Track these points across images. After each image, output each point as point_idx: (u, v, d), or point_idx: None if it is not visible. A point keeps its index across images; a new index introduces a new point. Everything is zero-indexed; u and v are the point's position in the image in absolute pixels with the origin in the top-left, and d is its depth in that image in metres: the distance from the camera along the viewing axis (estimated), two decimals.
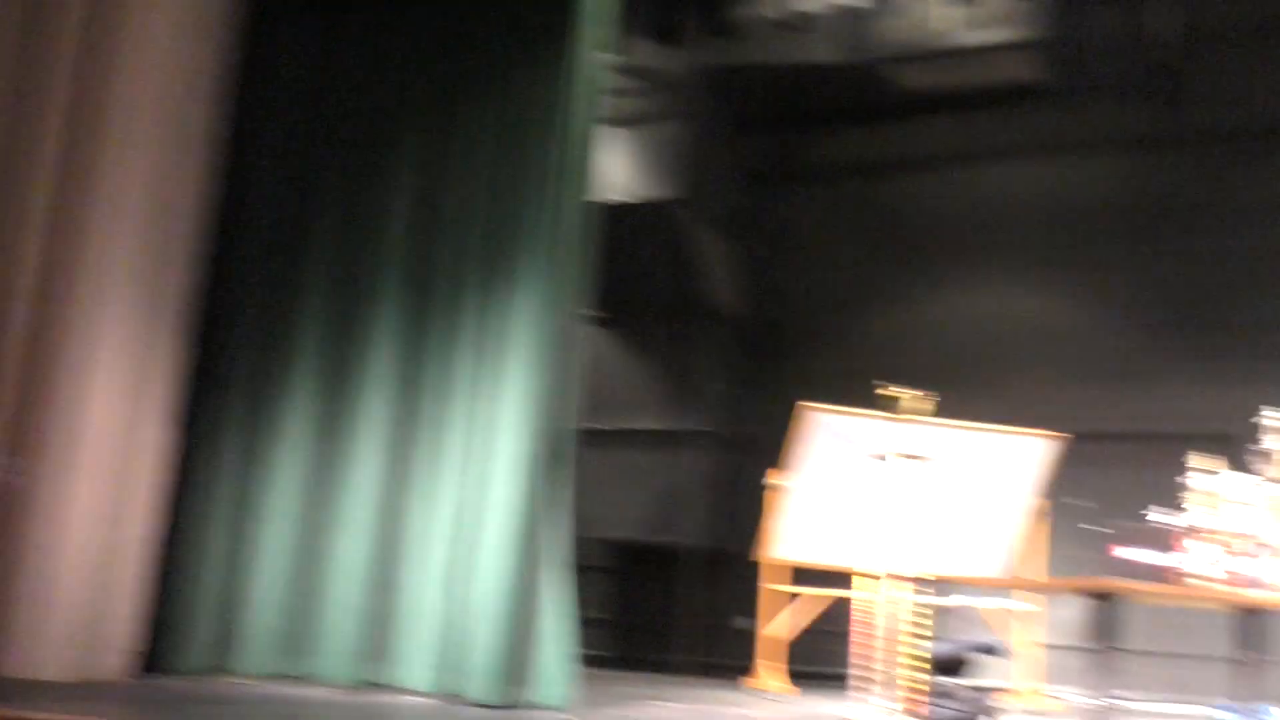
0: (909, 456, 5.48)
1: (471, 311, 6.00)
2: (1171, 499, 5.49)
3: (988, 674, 6.80)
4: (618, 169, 10.28)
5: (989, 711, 5.68)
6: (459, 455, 5.84)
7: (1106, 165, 10.28)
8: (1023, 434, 8.06)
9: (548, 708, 5.28)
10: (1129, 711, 7.69)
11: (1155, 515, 5.39)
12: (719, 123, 10.61)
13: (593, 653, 10.50)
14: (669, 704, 6.29)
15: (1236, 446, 5.78)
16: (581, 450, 10.67)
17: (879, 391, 5.67)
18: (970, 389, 9.19)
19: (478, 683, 5.37)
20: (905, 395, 5.59)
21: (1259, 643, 5.64)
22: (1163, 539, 5.23)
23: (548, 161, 5.92)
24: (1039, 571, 8.15)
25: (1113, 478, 9.05)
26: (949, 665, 6.11)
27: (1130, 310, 9.91)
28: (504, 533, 5.52)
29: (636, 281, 10.72)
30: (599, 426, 10.59)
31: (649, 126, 10.24)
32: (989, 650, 6.46)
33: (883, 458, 5.56)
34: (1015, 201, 10.43)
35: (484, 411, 5.79)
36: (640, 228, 10.39)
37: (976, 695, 5.73)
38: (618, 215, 10.39)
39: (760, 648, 8.14)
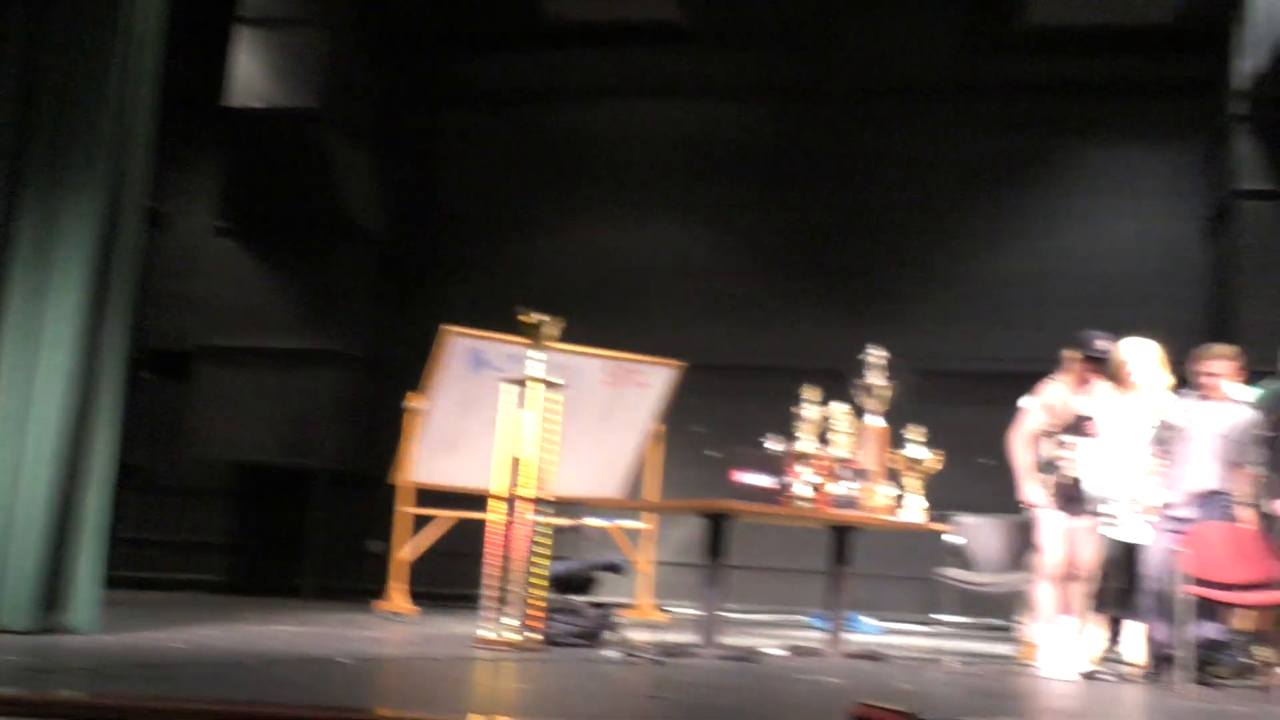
0: (542, 381, 5.57)
1: (30, 215, 5.47)
2: (786, 427, 5.91)
3: (612, 591, 7.10)
4: (253, 72, 9.71)
5: (610, 626, 5.93)
6: (6, 367, 5.34)
7: (745, 110, 10.83)
8: (646, 362, 8.38)
9: (77, 632, 5.03)
10: (734, 622, 8.30)
11: (771, 442, 5.78)
12: (365, 35, 10.25)
13: (215, 578, 10.15)
14: (289, 628, 6.12)
15: (844, 381, 6.29)
16: (208, 368, 10.19)
17: (519, 317, 5.71)
18: (604, 317, 9.48)
19: (10, 608, 5.01)
20: (542, 321, 5.65)
21: (851, 557, 6.21)
22: (776, 464, 5.62)
23: (110, 63, 5.50)
24: (655, 493, 8.57)
25: (734, 406, 9.66)
26: (575, 583, 6.33)
27: (757, 250, 10.54)
28: (44, 451, 5.15)
29: (273, 193, 10.22)
30: (227, 343, 10.09)
31: (288, 30, 9.73)
32: (613, 569, 6.74)
33: (519, 382, 5.61)
34: (658, 138, 10.78)
35: (33, 320, 5.33)
36: (277, 136, 9.89)
37: (599, 611, 5.97)
38: (253, 121, 9.87)
39: (393, 570, 8.09)
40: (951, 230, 10.24)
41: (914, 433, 6.15)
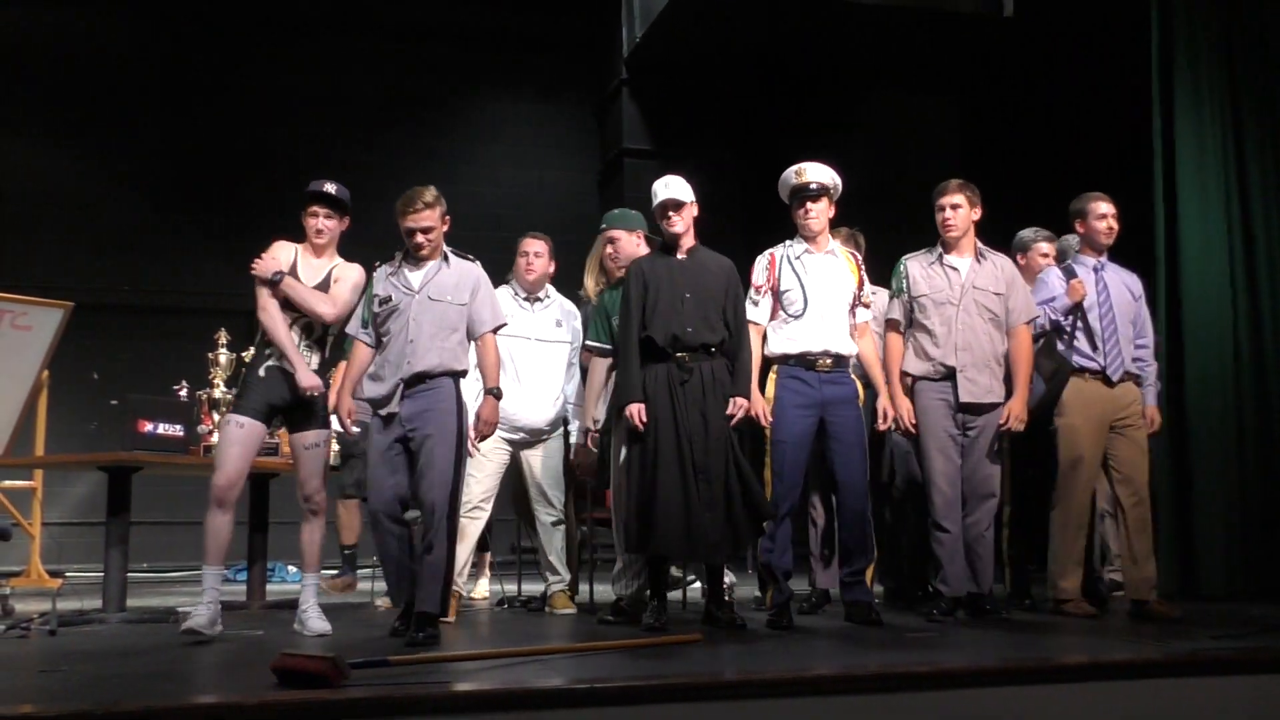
0: None
1: None
2: (199, 371, 5.61)
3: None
4: None
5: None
6: None
7: (134, 26, 9.97)
8: (26, 301, 7.40)
9: None
10: (146, 582, 7.83)
11: (181, 389, 5.46)
12: None
13: None
14: None
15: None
16: None
17: None
18: None
19: None
20: None
21: (270, 505, 6.04)
22: (188, 411, 5.31)
23: None
24: (40, 446, 7.71)
25: (137, 349, 8.99)
26: None
27: (156, 180, 9.80)
28: None
29: None
30: None
31: None
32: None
33: None
34: (24, 51, 9.65)
35: None
36: None
37: None
38: None
39: None
40: (354, 170, 10.18)
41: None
